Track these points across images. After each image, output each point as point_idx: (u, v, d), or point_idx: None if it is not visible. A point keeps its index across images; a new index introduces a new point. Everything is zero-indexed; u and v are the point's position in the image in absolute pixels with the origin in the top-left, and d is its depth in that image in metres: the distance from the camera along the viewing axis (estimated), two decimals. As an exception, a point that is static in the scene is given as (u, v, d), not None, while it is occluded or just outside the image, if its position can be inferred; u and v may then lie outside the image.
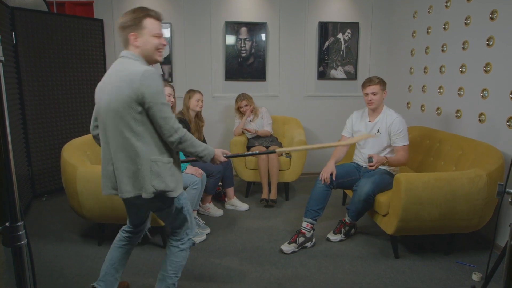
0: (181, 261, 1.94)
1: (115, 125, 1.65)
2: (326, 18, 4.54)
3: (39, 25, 3.65)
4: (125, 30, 1.70)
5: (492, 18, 2.85)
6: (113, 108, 1.64)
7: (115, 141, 1.67)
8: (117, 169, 1.69)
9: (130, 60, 1.69)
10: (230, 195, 3.63)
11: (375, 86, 2.82)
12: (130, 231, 2.06)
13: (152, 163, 1.67)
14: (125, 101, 1.61)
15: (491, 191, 2.45)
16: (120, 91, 1.61)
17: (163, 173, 1.69)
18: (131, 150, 1.65)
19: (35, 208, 3.61)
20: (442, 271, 2.52)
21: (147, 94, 1.59)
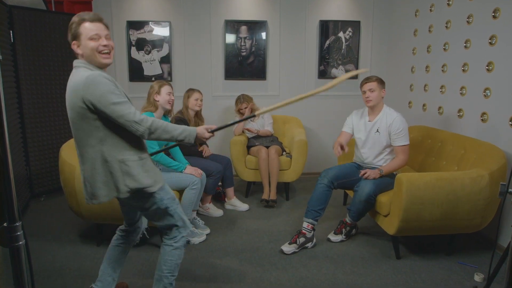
0: (176, 259, 1.91)
1: (80, 137, 1.68)
2: (327, 17, 4.52)
3: (37, 24, 3.62)
4: (70, 43, 1.70)
5: (494, 17, 2.82)
6: (74, 122, 1.66)
7: (82, 151, 1.69)
8: (91, 177, 1.70)
9: (78, 69, 1.68)
10: (230, 195, 3.61)
11: (373, 83, 2.80)
12: (125, 230, 2.07)
13: (121, 164, 1.68)
14: (79, 113, 1.62)
15: (493, 191, 2.43)
16: (72, 104, 1.62)
17: (134, 171, 1.70)
18: (100, 156, 1.66)
19: (33, 208, 3.59)
20: (443, 271, 2.50)
21: (94, 100, 1.58)
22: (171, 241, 1.89)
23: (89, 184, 1.71)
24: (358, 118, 3.01)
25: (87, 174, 1.71)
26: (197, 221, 3.05)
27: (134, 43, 4.36)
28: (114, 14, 4.30)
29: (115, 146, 1.68)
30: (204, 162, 3.26)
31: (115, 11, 4.31)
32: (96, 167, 1.67)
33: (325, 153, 4.70)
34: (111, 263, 2.04)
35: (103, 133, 1.65)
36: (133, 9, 4.33)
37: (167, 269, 1.89)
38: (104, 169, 1.68)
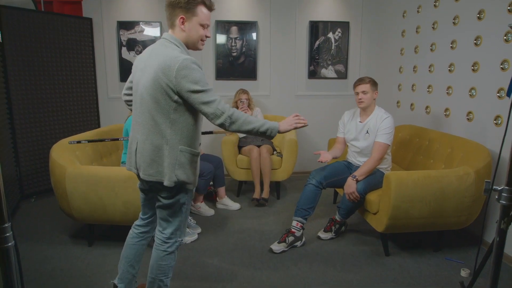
0: (170, 263, 1.85)
1: (149, 108, 1.64)
2: (317, 18, 4.56)
3: (26, 24, 3.60)
4: (174, 9, 1.65)
5: (479, 18, 2.88)
6: (150, 92, 1.62)
7: (146, 124, 1.66)
8: (144, 150, 1.68)
9: (171, 45, 1.66)
10: (221, 194, 3.63)
11: (366, 85, 2.82)
12: (142, 225, 2.00)
13: (179, 153, 1.66)
14: (162, 87, 1.59)
15: (479, 189, 2.49)
16: (157, 77, 1.59)
17: (187, 165, 1.69)
18: (161, 136, 1.64)
19: (23, 209, 3.56)
20: (431, 267, 2.55)
21: (184, 83, 1.57)
22: (165, 246, 1.83)
23: (141, 156, 1.69)
24: (350, 118, 3.03)
25: (142, 146, 1.68)
26: (189, 220, 3.06)
27: (125, 43, 4.35)
28: (104, 14, 4.29)
29: (182, 134, 1.66)
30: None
31: (105, 12, 4.29)
32: (154, 144, 1.65)
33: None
34: (130, 261, 1.99)
35: (176, 116, 1.64)
36: (124, 10, 4.32)
37: (161, 273, 1.84)
38: (160, 150, 1.65)
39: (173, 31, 1.71)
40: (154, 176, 1.68)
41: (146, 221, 2.01)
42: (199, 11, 1.66)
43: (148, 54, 1.72)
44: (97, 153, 3.21)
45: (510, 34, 2.60)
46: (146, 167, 1.69)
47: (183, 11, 1.65)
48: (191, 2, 1.63)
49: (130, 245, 2.00)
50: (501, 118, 2.70)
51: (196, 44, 1.74)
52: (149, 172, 1.68)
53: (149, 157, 1.67)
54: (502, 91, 2.68)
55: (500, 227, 1.30)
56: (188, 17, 1.66)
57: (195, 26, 1.67)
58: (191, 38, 1.71)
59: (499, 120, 2.71)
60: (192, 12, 1.65)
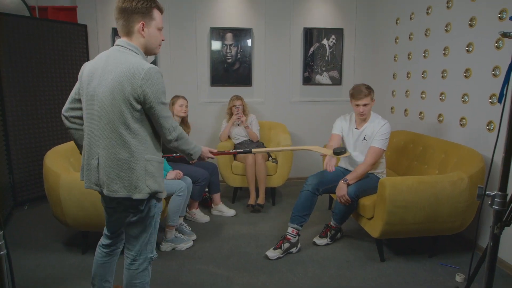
0: (144, 280, 1.77)
1: (111, 120, 1.55)
2: (311, 24, 4.59)
3: (20, 30, 3.59)
4: (131, 16, 1.58)
5: (471, 25, 2.92)
6: (112, 102, 1.54)
7: (106, 136, 1.57)
8: (106, 165, 1.58)
9: (131, 52, 1.60)
10: (217, 201, 3.62)
11: (366, 98, 2.77)
12: (108, 245, 1.93)
13: (146, 162, 1.60)
14: (125, 97, 1.52)
15: (472, 194, 2.50)
16: (120, 86, 1.52)
17: (156, 173, 1.64)
18: (126, 148, 1.56)
19: (16, 217, 3.52)
20: (426, 273, 2.55)
21: (150, 94, 1.52)
22: (135, 265, 1.74)
23: (104, 171, 1.60)
24: (347, 124, 3.00)
25: (104, 161, 1.59)
26: (183, 227, 3.05)
27: (120, 50, 4.34)
28: (99, 21, 4.29)
29: (146, 144, 1.61)
30: (191, 168, 3.27)
31: (100, 18, 4.29)
32: (119, 157, 1.57)
33: (311, 158, 4.74)
34: (104, 277, 1.94)
35: (139, 126, 1.58)
36: (118, 16, 4.32)
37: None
38: (126, 163, 1.57)
39: (130, 38, 1.63)
40: (120, 192, 1.59)
41: (112, 239, 1.92)
42: (156, 14, 1.63)
43: (103, 61, 1.61)
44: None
45: (501, 41, 2.63)
46: (111, 182, 1.59)
47: (142, 16, 1.59)
48: (148, 6, 1.59)
49: (100, 264, 1.93)
50: (493, 124, 2.73)
51: (155, 49, 1.69)
52: (115, 188, 1.59)
53: (114, 172, 1.58)
54: (494, 97, 2.71)
55: (493, 232, 1.30)
56: (147, 22, 1.61)
57: (154, 30, 1.64)
58: (150, 44, 1.66)
59: (491, 125, 2.74)
60: (150, 16, 1.61)
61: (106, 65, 1.58)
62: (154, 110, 1.56)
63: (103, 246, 1.94)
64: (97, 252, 1.95)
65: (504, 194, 1.27)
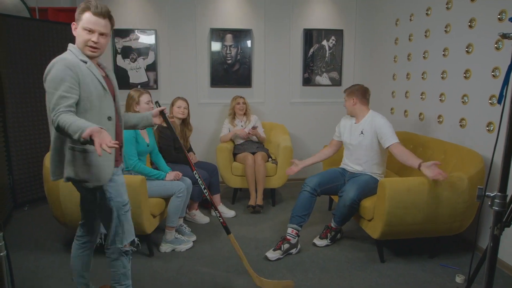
0: (118, 270, 1.87)
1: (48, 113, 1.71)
2: (311, 25, 4.60)
3: (21, 31, 3.59)
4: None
5: (471, 26, 2.93)
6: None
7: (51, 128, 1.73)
8: (51, 153, 1.74)
9: (68, 52, 1.76)
10: (217, 202, 3.61)
11: (344, 96, 3.03)
12: (82, 235, 2.05)
13: (68, 150, 1.70)
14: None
15: (472, 195, 2.50)
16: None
17: (75, 162, 1.70)
18: (57, 136, 1.70)
19: (16, 218, 3.52)
20: (426, 274, 2.55)
21: (46, 81, 1.66)
22: (108, 252, 1.87)
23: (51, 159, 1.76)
24: (347, 121, 3.08)
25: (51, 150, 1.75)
26: (183, 228, 3.05)
27: (120, 51, 4.36)
28: (99, 22, 4.29)
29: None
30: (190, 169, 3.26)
31: (100, 19, 4.29)
32: (55, 145, 1.72)
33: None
34: (78, 272, 2.07)
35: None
36: (119, 17, 4.33)
37: (113, 280, 1.90)
38: (60, 150, 1.71)
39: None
40: (55, 175, 1.76)
41: (83, 228, 2.04)
42: (84, 16, 1.73)
43: None
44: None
45: (500, 42, 2.64)
46: (52, 167, 1.77)
47: (76, 18, 1.76)
48: (80, 9, 1.74)
49: (75, 256, 2.05)
50: (493, 125, 2.73)
51: (83, 49, 1.75)
52: (54, 171, 1.76)
53: (54, 157, 1.75)
54: (494, 98, 2.71)
55: (493, 233, 1.30)
56: (77, 24, 1.75)
57: (80, 31, 1.74)
58: (78, 43, 1.77)
59: (491, 126, 2.74)
60: (80, 18, 1.74)
61: None
62: (47, 96, 1.69)
63: (78, 237, 2.06)
64: (73, 245, 2.06)
65: (504, 195, 1.27)
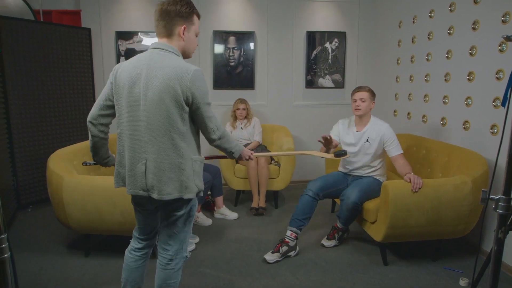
0: (177, 279, 1.82)
1: (160, 123, 1.56)
2: (314, 28, 4.60)
3: (25, 34, 3.62)
4: (174, 19, 1.62)
5: (474, 28, 2.92)
6: (161, 106, 1.55)
7: (157, 141, 1.58)
8: (157, 170, 1.59)
9: (172, 55, 1.62)
10: (219, 204, 3.62)
11: (365, 93, 2.83)
12: (142, 248, 1.88)
13: (193, 163, 1.66)
14: (175, 99, 1.55)
15: (476, 197, 2.49)
16: (170, 89, 1.54)
17: (201, 172, 1.71)
18: (176, 150, 1.60)
19: (20, 219, 3.54)
20: (430, 277, 2.54)
21: (197, 95, 1.57)
22: (172, 264, 1.77)
23: (154, 176, 1.60)
24: (346, 127, 3.03)
25: (154, 165, 1.59)
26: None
27: (123, 53, 4.37)
28: (103, 24, 4.32)
29: (191, 144, 1.66)
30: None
31: (104, 22, 4.32)
32: (171, 160, 1.59)
33: (313, 161, 4.74)
34: (136, 284, 1.89)
35: (186, 128, 1.62)
36: (122, 20, 4.35)
37: None
38: (176, 166, 1.60)
39: (170, 40, 1.66)
40: (173, 193, 1.61)
41: (145, 242, 1.89)
42: (195, 20, 1.69)
43: (145, 65, 1.59)
44: (95, 163, 3.20)
45: (504, 44, 2.63)
46: (163, 186, 1.60)
47: (183, 20, 1.64)
48: (190, 11, 1.65)
49: (133, 269, 1.87)
50: (497, 127, 2.72)
51: (191, 53, 1.75)
52: (167, 190, 1.60)
53: (166, 175, 1.60)
54: (497, 100, 2.70)
55: (497, 237, 1.30)
56: (188, 26, 1.66)
57: (192, 35, 1.70)
58: (188, 47, 1.70)
59: (495, 129, 2.73)
60: (191, 21, 1.67)
61: (150, 69, 1.58)
62: (200, 111, 1.61)
63: (136, 249, 1.89)
64: (129, 257, 1.89)
65: (508, 198, 1.26)
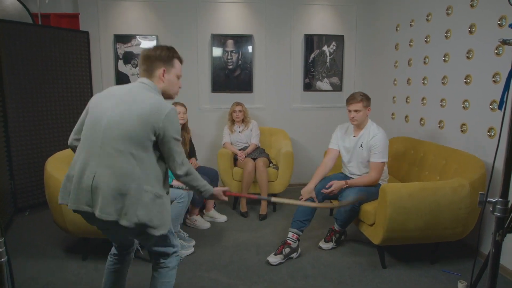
0: (172, 279, 1.85)
1: (117, 145, 1.57)
2: (311, 31, 4.62)
3: (23, 37, 3.61)
4: (154, 62, 1.75)
5: (471, 32, 2.94)
6: (130, 128, 1.58)
7: (111, 160, 1.57)
8: (103, 187, 1.56)
9: (152, 91, 1.71)
10: (209, 207, 3.61)
11: (358, 104, 2.82)
12: (119, 254, 1.94)
13: (144, 193, 1.58)
14: (146, 127, 1.59)
15: (473, 200, 2.49)
16: (146, 116, 1.59)
17: (150, 206, 1.60)
18: (127, 173, 1.56)
19: (17, 223, 3.52)
20: (428, 280, 2.54)
21: (170, 131, 1.63)
22: (166, 262, 1.82)
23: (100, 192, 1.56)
24: (343, 133, 3.05)
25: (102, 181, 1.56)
26: (181, 233, 3.04)
27: (121, 56, 4.38)
28: (101, 27, 4.32)
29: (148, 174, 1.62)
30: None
31: (102, 25, 4.32)
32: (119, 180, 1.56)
33: (312, 164, 4.74)
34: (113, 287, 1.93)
35: (145, 155, 1.61)
36: (120, 23, 4.36)
37: None
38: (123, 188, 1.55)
39: (152, 80, 1.77)
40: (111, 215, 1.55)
41: (121, 251, 1.95)
42: (176, 64, 1.81)
43: (125, 89, 1.70)
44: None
45: (501, 47, 2.64)
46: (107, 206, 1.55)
47: (163, 63, 1.76)
48: (169, 55, 1.78)
49: (109, 272, 1.92)
50: (494, 130, 2.73)
51: (173, 95, 1.84)
52: (108, 210, 1.55)
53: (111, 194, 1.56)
54: (494, 103, 2.72)
55: (495, 239, 1.30)
56: (168, 69, 1.77)
57: (173, 77, 1.80)
58: (169, 88, 1.80)
59: (492, 131, 2.74)
60: (171, 64, 1.78)
61: (129, 93, 1.68)
62: (170, 144, 1.65)
63: (113, 255, 1.95)
64: (108, 260, 1.95)
65: (505, 201, 1.27)
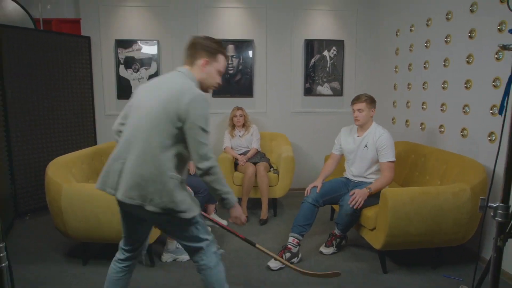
0: (221, 275, 1.81)
1: (148, 130, 1.62)
2: (312, 36, 4.63)
3: (25, 42, 3.63)
4: (199, 51, 1.75)
5: (471, 37, 2.95)
6: (155, 115, 1.62)
7: (141, 145, 1.62)
8: (130, 172, 1.62)
9: (187, 80, 1.71)
10: (210, 211, 3.60)
11: (361, 104, 2.86)
12: (126, 259, 1.86)
13: (169, 180, 1.61)
14: (169, 113, 1.60)
15: (474, 205, 2.49)
16: (168, 102, 1.61)
17: (175, 192, 1.62)
18: (154, 160, 1.60)
19: (17, 227, 3.52)
20: (429, 285, 2.53)
21: (192, 115, 1.59)
22: (205, 263, 1.79)
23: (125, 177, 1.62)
24: (347, 134, 3.06)
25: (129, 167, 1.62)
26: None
27: (123, 61, 4.39)
28: (102, 33, 4.34)
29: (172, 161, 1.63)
30: (192, 179, 3.26)
31: (103, 30, 4.34)
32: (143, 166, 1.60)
33: (312, 168, 4.74)
34: None
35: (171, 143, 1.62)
36: (122, 28, 4.38)
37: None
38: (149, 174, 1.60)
39: (192, 68, 1.77)
40: (136, 200, 1.61)
41: (129, 254, 1.86)
42: (221, 59, 1.79)
43: (159, 80, 1.77)
44: (93, 171, 3.20)
45: (501, 52, 2.65)
46: (131, 189, 1.61)
47: (207, 54, 1.75)
48: (216, 48, 1.77)
49: (114, 280, 1.84)
50: (495, 135, 2.73)
51: (209, 88, 1.82)
52: (131, 194, 1.61)
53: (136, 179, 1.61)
54: (495, 108, 2.72)
55: (496, 244, 1.30)
56: (210, 61, 1.76)
57: (214, 71, 1.78)
58: (207, 81, 1.79)
59: (493, 136, 2.74)
60: (214, 58, 1.77)
61: (160, 83, 1.74)
62: (193, 132, 1.61)
63: (119, 260, 1.87)
64: (111, 268, 1.87)
65: (506, 206, 1.26)
